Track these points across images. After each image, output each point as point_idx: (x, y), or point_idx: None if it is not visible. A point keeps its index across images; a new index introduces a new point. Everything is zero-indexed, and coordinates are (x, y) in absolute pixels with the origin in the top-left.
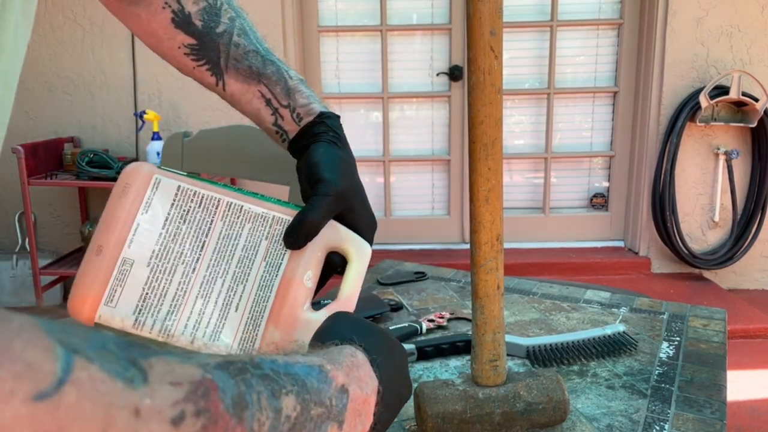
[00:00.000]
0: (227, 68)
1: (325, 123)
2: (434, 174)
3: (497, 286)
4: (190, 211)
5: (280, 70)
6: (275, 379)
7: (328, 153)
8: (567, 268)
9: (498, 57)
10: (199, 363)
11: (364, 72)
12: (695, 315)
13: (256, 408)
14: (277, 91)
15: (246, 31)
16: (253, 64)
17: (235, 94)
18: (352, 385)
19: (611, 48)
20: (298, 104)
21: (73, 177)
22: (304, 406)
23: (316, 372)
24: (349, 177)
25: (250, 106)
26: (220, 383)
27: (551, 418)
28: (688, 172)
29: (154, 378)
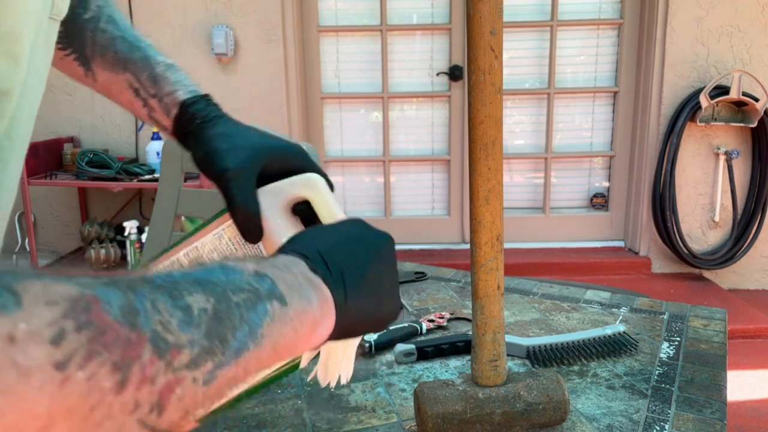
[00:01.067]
0: (93, 56)
1: (189, 110)
2: (434, 174)
3: (497, 286)
4: None
5: (147, 56)
6: (171, 286)
7: (205, 143)
8: (567, 268)
9: (498, 57)
10: (78, 282)
11: (364, 72)
12: (695, 315)
13: (152, 312)
14: (144, 79)
15: (114, 18)
16: (119, 50)
17: (106, 85)
18: (266, 268)
19: (611, 48)
20: (164, 92)
21: (72, 177)
22: (219, 296)
23: (218, 269)
24: (240, 146)
25: (122, 97)
26: (104, 297)
27: (551, 419)
28: (688, 172)
29: (28, 300)
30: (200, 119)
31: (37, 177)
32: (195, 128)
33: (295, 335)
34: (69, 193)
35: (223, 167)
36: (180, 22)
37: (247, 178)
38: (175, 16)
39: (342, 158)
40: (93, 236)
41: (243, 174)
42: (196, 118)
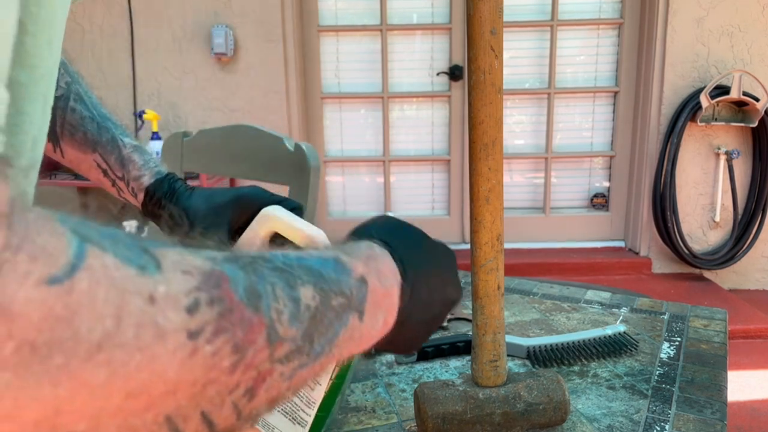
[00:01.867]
0: (63, 135)
1: (156, 196)
2: (434, 174)
3: (497, 286)
4: None
5: (115, 138)
6: (288, 270)
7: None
8: (567, 268)
9: (498, 57)
10: (207, 256)
11: (364, 72)
12: (696, 315)
13: (272, 298)
14: (112, 161)
15: (82, 96)
16: (88, 131)
17: (74, 162)
18: (371, 276)
19: (612, 48)
20: (131, 177)
21: (72, 177)
22: (324, 296)
23: (332, 263)
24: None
25: (90, 174)
26: (230, 274)
27: (551, 419)
28: (688, 172)
29: (167, 266)
30: (165, 201)
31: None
32: (161, 211)
33: (355, 349)
34: (69, 193)
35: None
36: (180, 22)
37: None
38: (175, 15)
39: (342, 158)
40: None
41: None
42: (162, 200)
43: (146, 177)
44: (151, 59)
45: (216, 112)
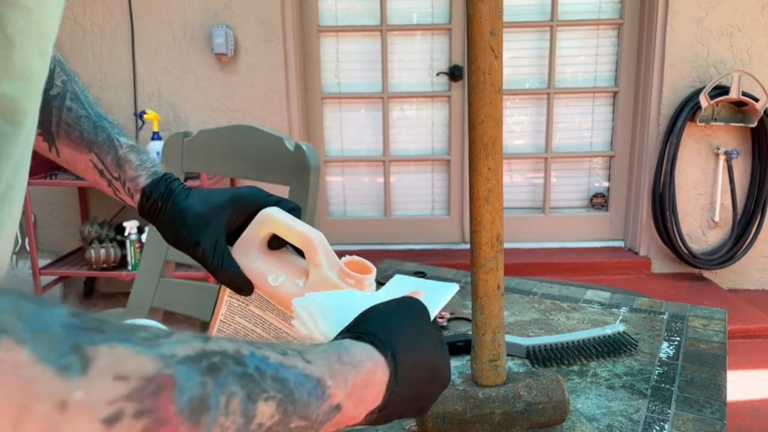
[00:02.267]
0: (59, 134)
1: (152, 197)
2: (434, 174)
3: (497, 286)
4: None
5: (111, 137)
6: (258, 380)
7: (169, 224)
8: (567, 268)
9: (498, 57)
10: (162, 354)
11: (364, 72)
12: (695, 315)
13: (221, 412)
14: (108, 161)
15: (78, 95)
16: (84, 130)
17: (70, 162)
18: (349, 403)
19: (611, 48)
20: (128, 177)
21: (72, 177)
22: (284, 416)
23: (312, 385)
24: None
25: (87, 175)
26: (181, 381)
27: (551, 418)
28: (688, 172)
29: (96, 369)
30: (162, 202)
31: (37, 177)
32: (158, 211)
33: None
34: (69, 193)
35: (193, 242)
36: (180, 22)
37: (218, 245)
38: (175, 16)
39: (342, 158)
40: (93, 236)
41: (213, 242)
42: (159, 201)
43: (143, 177)
44: (151, 59)
45: (216, 112)
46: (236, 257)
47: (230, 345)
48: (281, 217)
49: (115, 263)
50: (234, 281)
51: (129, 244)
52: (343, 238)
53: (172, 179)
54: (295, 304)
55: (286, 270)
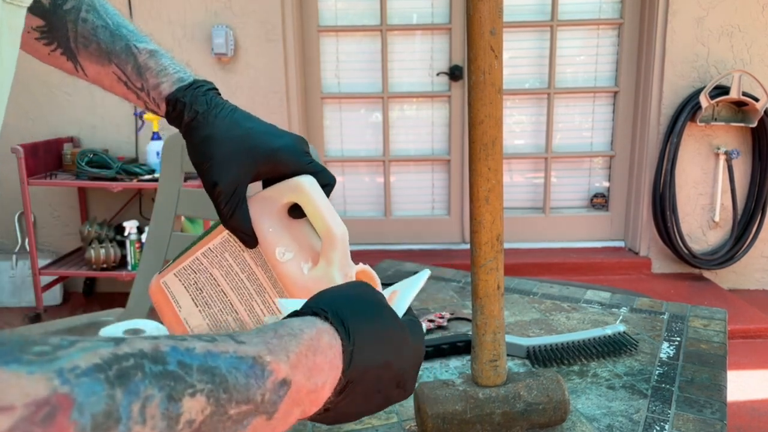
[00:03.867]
0: (78, 49)
1: (177, 108)
2: (434, 174)
3: (497, 286)
4: (196, 281)
5: (129, 44)
6: (181, 376)
7: (194, 148)
8: (567, 268)
9: (498, 57)
10: (59, 370)
11: (364, 72)
12: (695, 315)
13: (135, 421)
14: (129, 71)
15: (95, 6)
16: (102, 41)
17: (96, 79)
18: (298, 374)
19: (611, 48)
20: (150, 86)
21: (72, 177)
22: (218, 406)
23: (247, 365)
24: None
25: (115, 89)
26: (81, 397)
27: (551, 419)
28: (688, 172)
29: None
30: (189, 116)
31: (37, 177)
32: (185, 127)
33: None
34: (69, 193)
35: (212, 181)
36: (180, 21)
37: (236, 194)
38: (175, 15)
39: (342, 158)
40: (93, 236)
41: (232, 189)
42: (184, 114)
43: (165, 84)
44: None
45: None
46: (252, 210)
47: (146, 344)
48: (314, 194)
49: (115, 263)
50: (240, 234)
51: (129, 244)
52: None
53: (204, 89)
54: (280, 304)
55: (297, 246)
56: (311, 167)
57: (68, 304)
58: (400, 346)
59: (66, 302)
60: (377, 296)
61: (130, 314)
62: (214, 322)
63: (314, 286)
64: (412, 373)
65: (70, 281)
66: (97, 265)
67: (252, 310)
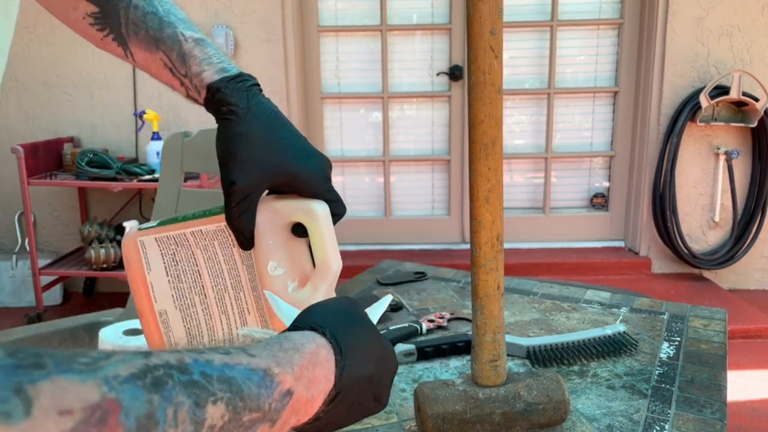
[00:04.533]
0: (129, 35)
1: (216, 97)
2: (434, 174)
3: (497, 286)
4: (175, 253)
5: (176, 32)
6: (204, 385)
7: (223, 142)
8: (567, 268)
9: (498, 57)
10: (105, 378)
11: (364, 72)
12: (695, 315)
13: (170, 425)
14: (174, 57)
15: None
16: (150, 27)
17: (145, 66)
18: (299, 386)
19: (611, 48)
20: (193, 73)
21: (72, 177)
22: (235, 413)
23: (259, 377)
24: (253, 159)
25: (161, 76)
26: (126, 402)
27: (551, 419)
28: (688, 172)
29: (40, 408)
30: (225, 109)
31: (37, 177)
32: (220, 119)
33: None
34: (69, 193)
35: (231, 179)
36: None
37: (249, 198)
38: None
39: (342, 158)
40: (93, 236)
41: (246, 193)
42: (222, 106)
43: (208, 72)
44: None
45: None
46: (259, 216)
47: (172, 356)
48: (323, 223)
49: (115, 263)
50: (240, 236)
51: None
52: (343, 238)
53: (248, 84)
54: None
55: (290, 263)
56: (329, 195)
57: (68, 304)
58: (381, 361)
59: (66, 302)
60: (362, 312)
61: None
62: (179, 296)
63: (294, 306)
64: (387, 385)
65: (70, 281)
66: (97, 265)
67: (221, 300)
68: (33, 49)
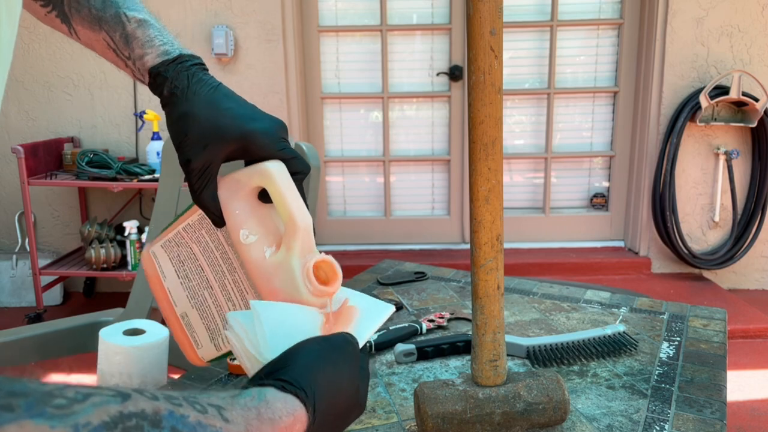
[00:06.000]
0: (72, 13)
1: (157, 81)
2: (434, 174)
3: (497, 286)
4: (178, 254)
5: (119, 12)
6: None
7: (172, 125)
8: (567, 268)
9: (498, 57)
10: (75, 425)
11: (364, 72)
12: (695, 315)
13: None
14: (117, 38)
15: None
16: (93, 6)
17: (88, 44)
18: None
19: (611, 48)
20: (135, 56)
21: (72, 177)
22: None
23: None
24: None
25: (107, 55)
26: None
27: (551, 418)
28: (688, 172)
29: None
30: (167, 91)
31: (37, 177)
32: (164, 101)
33: None
34: (69, 193)
35: (186, 158)
36: (180, 22)
37: (207, 172)
38: (175, 16)
39: (342, 158)
40: (93, 236)
41: (203, 167)
42: (165, 89)
43: (150, 56)
44: None
45: None
46: (222, 191)
47: (149, 405)
48: (280, 180)
49: (115, 263)
50: (208, 213)
51: (129, 244)
52: (343, 238)
53: (189, 63)
54: (228, 318)
55: (263, 230)
56: (283, 153)
57: (68, 304)
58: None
59: (66, 302)
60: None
61: (130, 314)
62: (192, 295)
63: (273, 271)
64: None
65: (71, 281)
66: (98, 265)
67: (224, 288)
68: (33, 49)
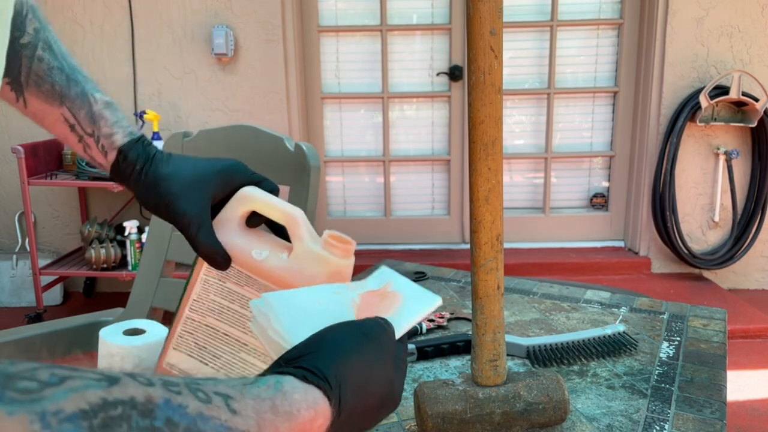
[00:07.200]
0: (28, 85)
1: (129, 157)
2: (434, 174)
3: (497, 286)
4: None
5: (85, 92)
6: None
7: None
8: (567, 268)
9: (498, 57)
10: (41, 413)
11: (364, 72)
12: (695, 315)
13: None
14: (81, 116)
15: (51, 45)
16: (56, 82)
17: (38, 115)
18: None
19: (611, 48)
20: (102, 134)
21: (73, 177)
22: None
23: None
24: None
25: (55, 129)
26: None
27: (551, 418)
28: (688, 172)
29: None
30: (140, 164)
31: (37, 177)
32: (135, 173)
33: None
34: (69, 193)
35: (181, 212)
36: (180, 22)
37: (204, 219)
38: (175, 16)
39: (342, 158)
40: (93, 236)
41: (199, 215)
42: (137, 163)
43: (119, 135)
44: (151, 59)
45: (216, 112)
46: (217, 233)
47: (140, 391)
48: (261, 195)
49: (115, 263)
50: (214, 255)
51: (129, 244)
52: None
53: (148, 142)
54: (252, 307)
55: (267, 246)
56: (254, 177)
57: (68, 304)
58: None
59: (66, 302)
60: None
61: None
62: (227, 365)
63: (298, 266)
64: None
65: (71, 281)
66: (98, 265)
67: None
68: None
